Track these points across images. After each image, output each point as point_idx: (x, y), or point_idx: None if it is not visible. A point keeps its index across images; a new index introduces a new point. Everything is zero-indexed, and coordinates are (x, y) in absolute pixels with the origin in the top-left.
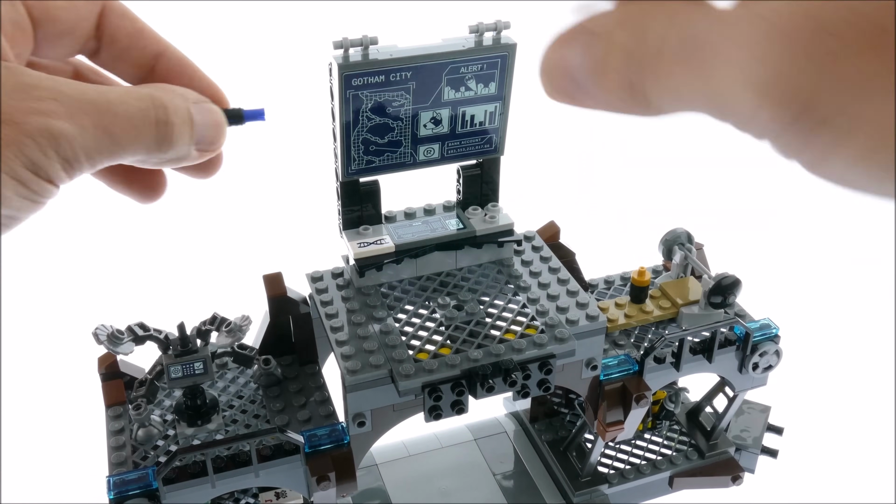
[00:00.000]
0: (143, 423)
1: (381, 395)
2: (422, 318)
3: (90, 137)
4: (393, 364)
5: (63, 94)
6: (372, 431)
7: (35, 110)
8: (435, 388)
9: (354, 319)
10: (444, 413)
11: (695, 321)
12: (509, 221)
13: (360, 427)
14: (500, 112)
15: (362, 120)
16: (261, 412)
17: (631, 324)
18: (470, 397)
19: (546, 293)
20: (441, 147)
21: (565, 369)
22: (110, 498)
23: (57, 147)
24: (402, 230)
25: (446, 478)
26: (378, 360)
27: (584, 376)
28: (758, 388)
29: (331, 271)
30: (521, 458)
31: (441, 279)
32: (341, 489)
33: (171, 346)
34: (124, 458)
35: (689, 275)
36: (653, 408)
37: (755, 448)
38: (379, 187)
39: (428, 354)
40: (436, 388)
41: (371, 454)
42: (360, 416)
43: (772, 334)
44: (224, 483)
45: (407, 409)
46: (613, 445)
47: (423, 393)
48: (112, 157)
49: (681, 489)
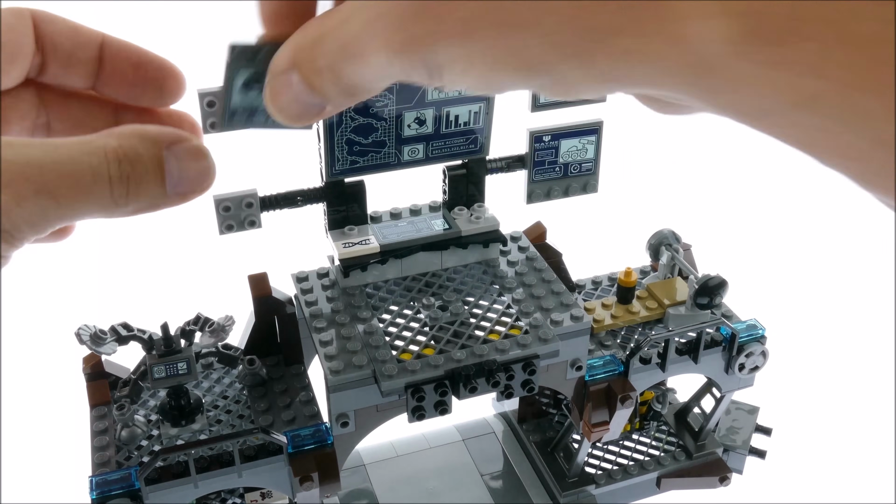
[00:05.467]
0: (126, 423)
1: (364, 395)
2: (406, 318)
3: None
4: (376, 364)
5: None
6: (356, 432)
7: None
8: (418, 388)
9: (338, 320)
10: (427, 414)
11: (681, 322)
12: (495, 222)
13: (343, 427)
14: (485, 112)
15: (346, 120)
16: (245, 412)
17: (617, 324)
18: (455, 398)
19: (531, 293)
20: (426, 147)
21: (550, 370)
22: (93, 498)
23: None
24: (387, 230)
25: (434, 478)
26: (361, 360)
27: (569, 377)
28: (747, 390)
29: (316, 271)
30: (510, 459)
31: (426, 279)
32: (325, 489)
33: (155, 346)
34: (108, 458)
35: (676, 276)
36: (640, 409)
37: (743, 449)
38: (364, 188)
39: (411, 355)
40: (419, 388)
41: (359, 454)
42: (343, 417)
43: (758, 335)
44: (207, 483)
45: (390, 409)
46: (601, 446)
47: (406, 393)
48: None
49: (668, 490)
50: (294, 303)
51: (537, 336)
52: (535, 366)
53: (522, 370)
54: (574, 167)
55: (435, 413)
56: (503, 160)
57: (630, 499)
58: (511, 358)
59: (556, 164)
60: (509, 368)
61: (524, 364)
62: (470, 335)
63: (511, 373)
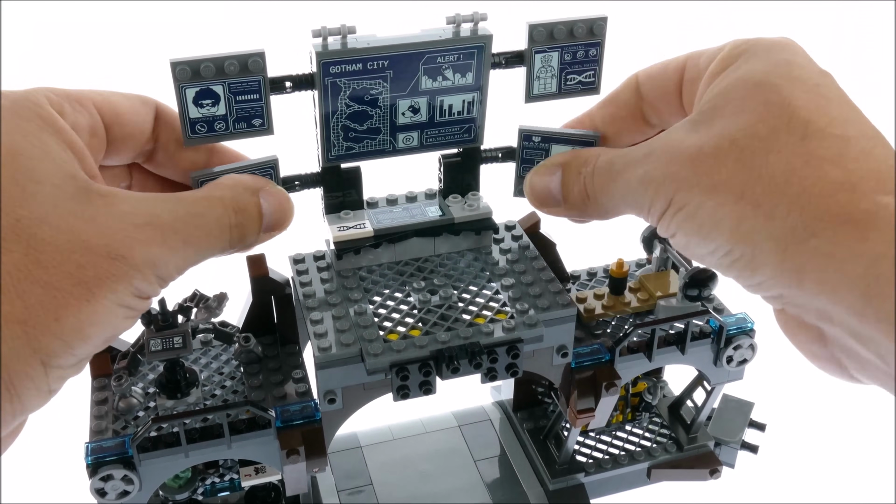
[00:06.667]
0: (124, 394)
1: (351, 373)
2: (396, 301)
3: (181, 255)
4: (363, 343)
5: (155, 217)
6: (343, 409)
7: (137, 241)
8: (402, 367)
9: (330, 300)
10: (411, 393)
11: (671, 313)
12: (488, 210)
13: (330, 404)
14: (479, 102)
15: (341, 107)
16: (239, 388)
17: (608, 314)
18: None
19: (520, 280)
20: (420, 135)
21: (536, 355)
22: (87, 463)
23: (157, 271)
24: (382, 216)
25: (427, 462)
26: (349, 339)
27: (555, 363)
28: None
29: (313, 254)
30: (503, 446)
31: (418, 264)
32: (311, 464)
33: (153, 321)
34: (104, 426)
35: (669, 268)
36: (633, 399)
37: (735, 443)
38: (360, 174)
39: (398, 335)
40: (403, 367)
41: (356, 436)
42: (330, 394)
43: (747, 328)
44: (197, 454)
45: (377, 388)
46: (593, 436)
47: (391, 372)
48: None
49: (658, 481)
50: (291, 284)
51: (522, 321)
52: (519, 350)
53: (506, 354)
54: None
55: (419, 392)
56: (498, 150)
57: (620, 489)
58: (495, 341)
59: None
60: (493, 351)
61: (508, 348)
62: (457, 318)
63: (494, 356)
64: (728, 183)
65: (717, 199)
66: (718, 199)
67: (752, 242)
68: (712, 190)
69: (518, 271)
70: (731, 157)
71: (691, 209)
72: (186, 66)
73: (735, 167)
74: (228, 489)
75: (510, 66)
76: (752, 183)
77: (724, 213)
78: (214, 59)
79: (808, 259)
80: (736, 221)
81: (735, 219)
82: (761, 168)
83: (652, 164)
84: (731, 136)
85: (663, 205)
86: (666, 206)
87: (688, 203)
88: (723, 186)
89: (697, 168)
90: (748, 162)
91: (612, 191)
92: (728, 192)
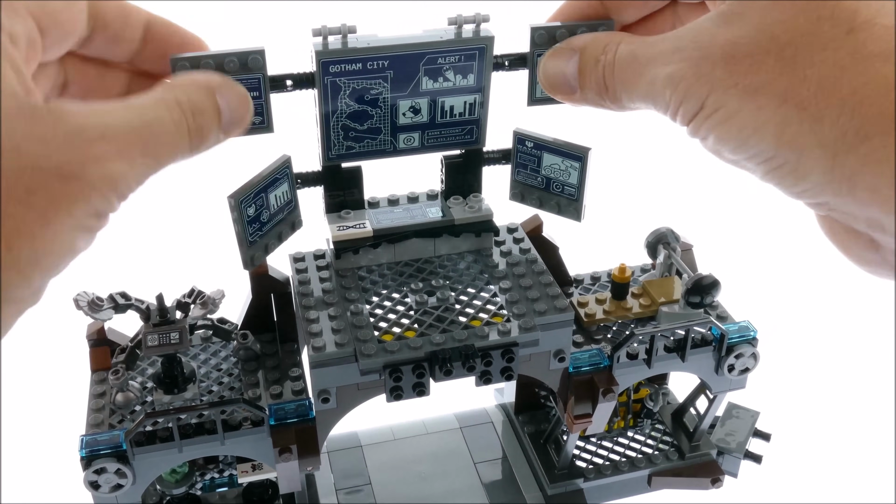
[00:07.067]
0: (121, 388)
1: (344, 373)
2: (393, 301)
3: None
4: (357, 343)
5: (108, 129)
6: (337, 409)
7: (91, 158)
8: (396, 368)
9: (327, 300)
10: (405, 394)
11: (672, 320)
12: (489, 212)
13: (324, 403)
14: (480, 103)
15: (341, 106)
16: (236, 385)
17: (609, 319)
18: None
19: (519, 284)
20: (421, 136)
21: (532, 359)
22: (82, 455)
23: (115, 188)
24: (382, 216)
25: (427, 463)
26: (343, 339)
27: (552, 367)
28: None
29: (313, 253)
30: (504, 449)
31: (417, 265)
32: (304, 463)
33: (151, 316)
34: (101, 419)
35: (674, 274)
36: (634, 406)
37: (738, 452)
38: (361, 173)
39: (393, 336)
40: (397, 368)
41: (357, 436)
42: (324, 393)
43: (749, 337)
44: (191, 449)
45: (371, 388)
46: (595, 441)
47: (384, 373)
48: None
49: (659, 488)
50: (290, 282)
51: (518, 324)
52: (514, 353)
53: (501, 357)
54: (556, 185)
55: (413, 394)
56: (500, 152)
57: (620, 495)
58: (490, 344)
59: (538, 173)
60: (487, 354)
61: (503, 351)
62: (452, 321)
63: (489, 359)
64: (769, 85)
65: (758, 101)
66: (759, 101)
67: (797, 148)
68: (752, 92)
69: (517, 274)
70: (771, 56)
71: (727, 112)
72: (187, 62)
73: (776, 66)
74: (227, 485)
75: (513, 68)
76: (797, 84)
77: (765, 118)
78: (214, 56)
79: (859, 166)
80: (779, 126)
81: (778, 124)
82: (806, 68)
83: (681, 62)
84: (769, 32)
85: (695, 107)
86: (698, 109)
87: (723, 105)
88: (763, 88)
89: (734, 68)
90: (790, 60)
91: (633, 87)
92: (770, 95)
